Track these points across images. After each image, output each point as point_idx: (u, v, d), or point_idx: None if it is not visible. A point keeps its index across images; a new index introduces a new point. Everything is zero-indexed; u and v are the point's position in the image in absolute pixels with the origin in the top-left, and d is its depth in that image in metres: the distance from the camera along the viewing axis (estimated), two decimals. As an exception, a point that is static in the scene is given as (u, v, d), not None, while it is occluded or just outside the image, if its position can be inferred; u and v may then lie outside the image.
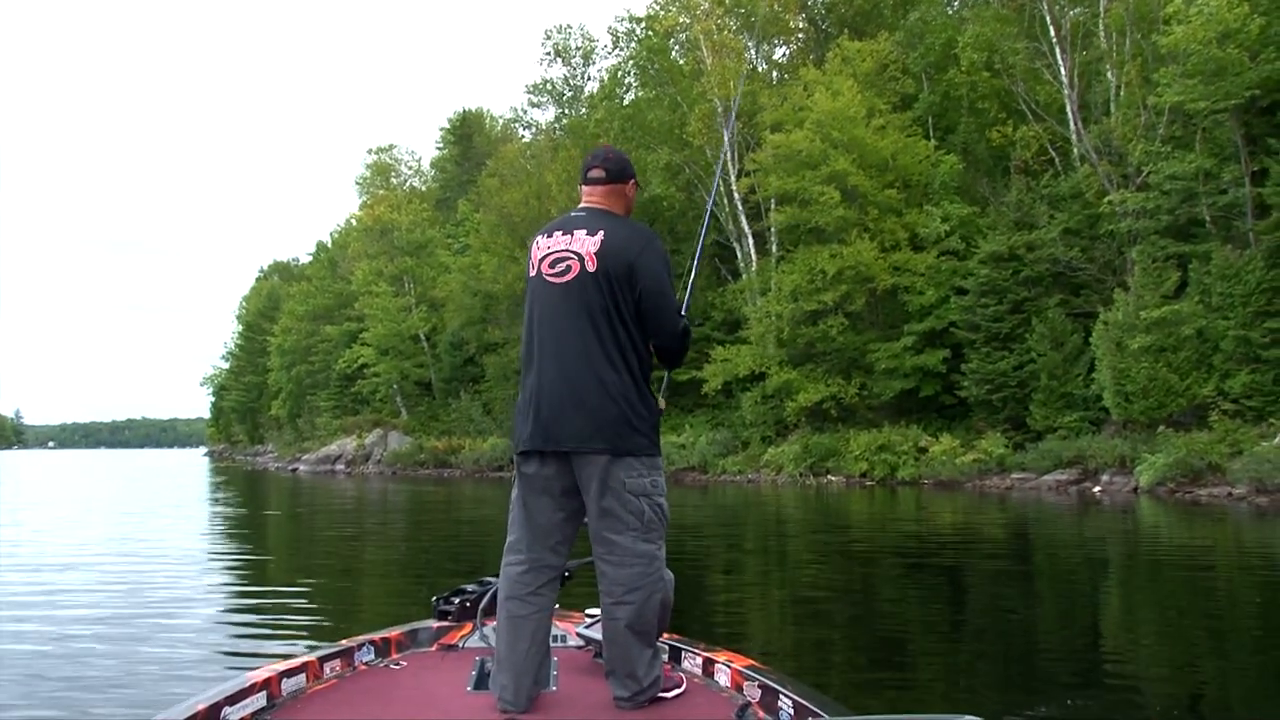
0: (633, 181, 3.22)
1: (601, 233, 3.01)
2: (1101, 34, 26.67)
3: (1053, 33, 27.40)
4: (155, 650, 6.35)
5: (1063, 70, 27.41)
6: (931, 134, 31.98)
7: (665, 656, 3.22)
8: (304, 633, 6.94)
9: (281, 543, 15.43)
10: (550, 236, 3.09)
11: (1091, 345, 23.33)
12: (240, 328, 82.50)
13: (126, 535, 15.04)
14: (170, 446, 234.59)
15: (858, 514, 18.49)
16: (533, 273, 3.09)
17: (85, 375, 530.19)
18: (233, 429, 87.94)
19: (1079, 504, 19.26)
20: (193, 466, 61.51)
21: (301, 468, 50.19)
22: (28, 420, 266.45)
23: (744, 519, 18.25)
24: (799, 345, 29.52)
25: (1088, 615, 8.16)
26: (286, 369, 61.85)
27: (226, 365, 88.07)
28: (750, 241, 34.04)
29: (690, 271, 3.79)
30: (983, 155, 30.51)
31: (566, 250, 3.02)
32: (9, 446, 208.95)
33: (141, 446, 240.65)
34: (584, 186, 3.19)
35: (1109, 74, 26.73)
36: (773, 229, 32.44)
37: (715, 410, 33.58)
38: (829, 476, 27.50)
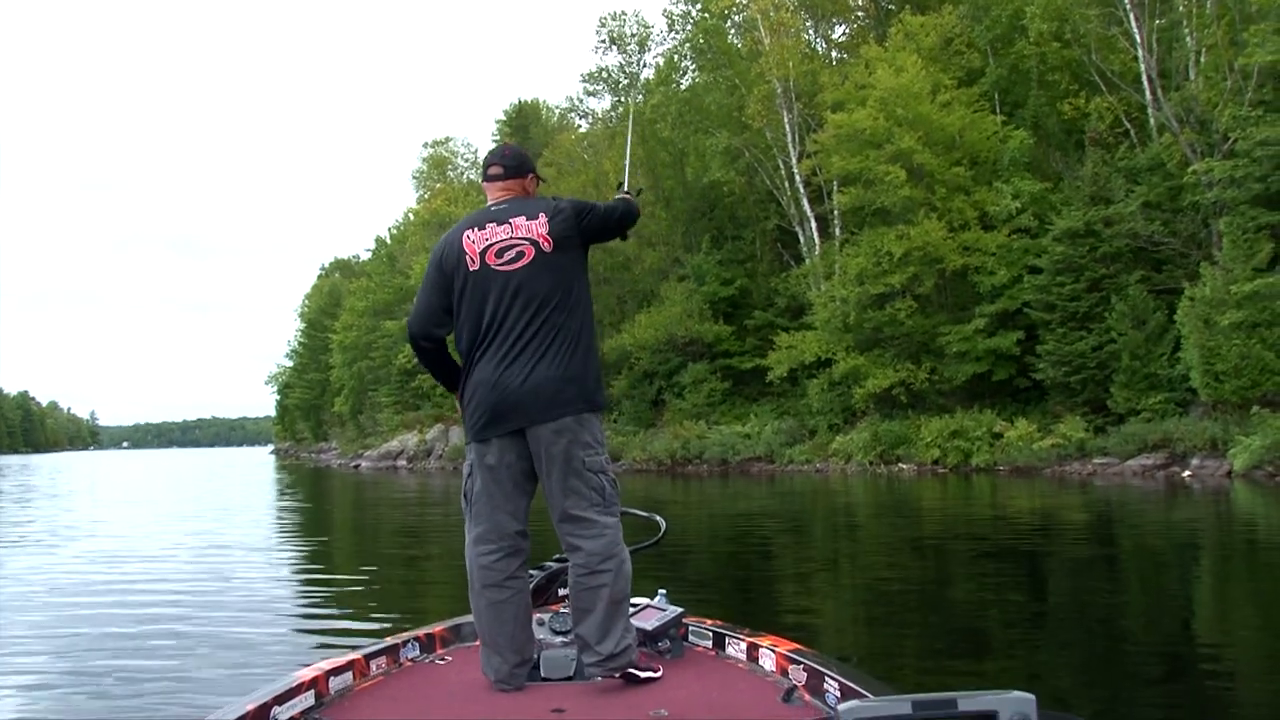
0: (531, 175, 3.26)
1: (542, 214, 3.08)
2: (1180, -5, 25.44)
3: (1126, -2, 26.20)
4: (209, 651, 6.15)
5: (1138, 36, 26.18)
6: (999, 109, 30.81)
7: (709, 643, 3.34)
8: (350, 628, 6.70)
9: (340, 539, 15.36)
10: (483, 229, 3.08)
11: (1176, 323, 22.18)
12: (303, 325, 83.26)
13: (195, 532, 14.92)
14: (239, 445, 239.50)
15: (931, 501, 17.83)
16: (474, 266, 3.06)
17: (157, 376, 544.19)
18: (297, 426, 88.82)
19: (1167, 489, 18.30)
20: (259, 465, 62.42)
21: (364, 464, 50.45)
22: (102, 421, 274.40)
23: (812, 508, 17.69)
24: (866, 330, 28.63)
25: (1178, 605, 7.61)
26: (348, 365, 62.21)
27: (290, 363, 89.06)
28: (813, 225, 33.25)
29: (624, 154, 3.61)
30: (1054, 129, 29.38)
31: (512, 238, 3.05)
32: (85, 447, 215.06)
33: (211, 445, 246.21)
34: (486, 184, 3.25)
35: (1189, 38, 25.47)
36: (836, 211, 31.59)
37: (781, 399, 32.80)
38: (900, 464, 26.66)
